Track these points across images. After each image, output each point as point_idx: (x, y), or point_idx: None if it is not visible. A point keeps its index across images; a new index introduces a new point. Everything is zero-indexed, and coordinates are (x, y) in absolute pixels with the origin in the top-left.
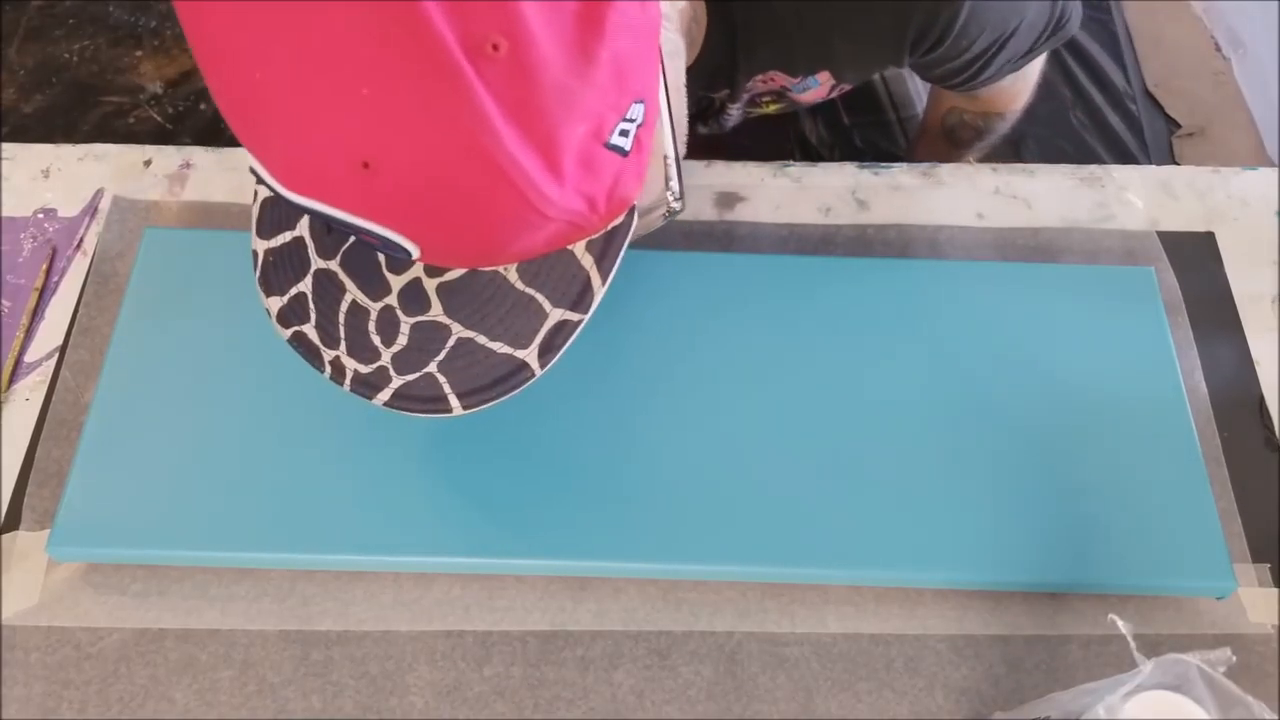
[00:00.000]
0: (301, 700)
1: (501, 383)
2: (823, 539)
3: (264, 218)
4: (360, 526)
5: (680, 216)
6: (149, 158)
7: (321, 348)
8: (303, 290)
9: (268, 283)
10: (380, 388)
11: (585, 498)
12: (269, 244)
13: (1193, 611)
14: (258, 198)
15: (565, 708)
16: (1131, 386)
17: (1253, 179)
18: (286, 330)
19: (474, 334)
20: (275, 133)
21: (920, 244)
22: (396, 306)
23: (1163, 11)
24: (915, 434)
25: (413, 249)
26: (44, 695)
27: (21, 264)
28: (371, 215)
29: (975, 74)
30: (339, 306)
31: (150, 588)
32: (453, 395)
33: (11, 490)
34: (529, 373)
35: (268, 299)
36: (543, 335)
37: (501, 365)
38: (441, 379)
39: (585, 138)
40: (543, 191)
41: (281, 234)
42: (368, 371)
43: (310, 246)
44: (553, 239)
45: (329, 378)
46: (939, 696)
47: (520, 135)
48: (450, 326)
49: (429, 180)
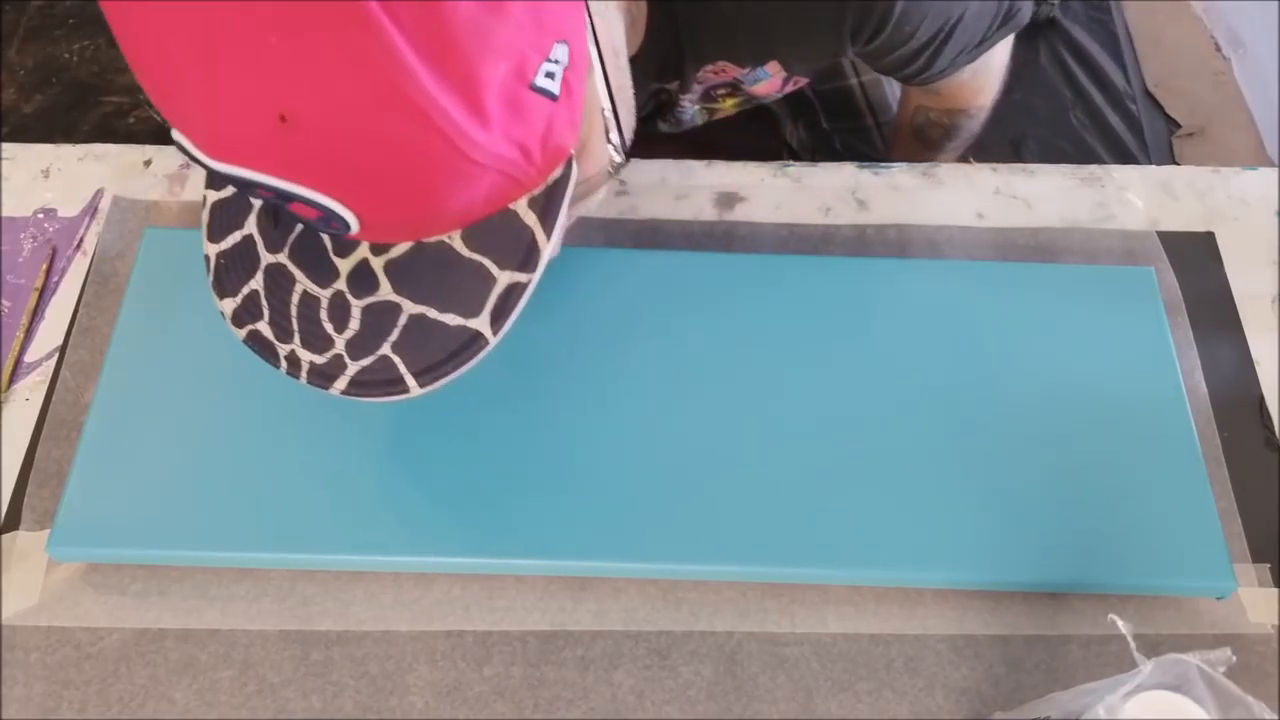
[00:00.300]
0: (301, 700)
1: (456, 356)
2: (823, 539)
3: (213, 222)
4: (360, 526)
5: (680, 216)
6: (149, 158)
7: (276, 343)
8: (255, 288)
9: (220, 286)
10: (335, 376)
11: (585, 498)
12: (219, 247)
13: (1193, 611)
14: (206, 202)
15: (565, 708)
16: (1131, 386)
17: (1253, 179)
18: (241, 330)
19: (425, 309)
20: (192, 97)
21: (920, 244)
22: (346, 290)
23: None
24: (915, 434)
25: (350, 218)
26: (44, 695)
27: (21, 264)
28: (297, 176)
29: (927, 65)
30: (290, 299)
31: (150, 588)
32: (409, 375)
33: (11, 490)
34: (483, 342)
35: (221, 301)
36: (493, 301)
37: (455, 338)
38: (396, 360)
39: (507, 77)
40: (468, 134)
41: (230, 235)
42: (323, 361)
43: (259, 243)
44: (491, 195)
45: (285, 373)
46: (939, 696)
47: (437, 74)
48: (401, 305)
49: (349, 130)
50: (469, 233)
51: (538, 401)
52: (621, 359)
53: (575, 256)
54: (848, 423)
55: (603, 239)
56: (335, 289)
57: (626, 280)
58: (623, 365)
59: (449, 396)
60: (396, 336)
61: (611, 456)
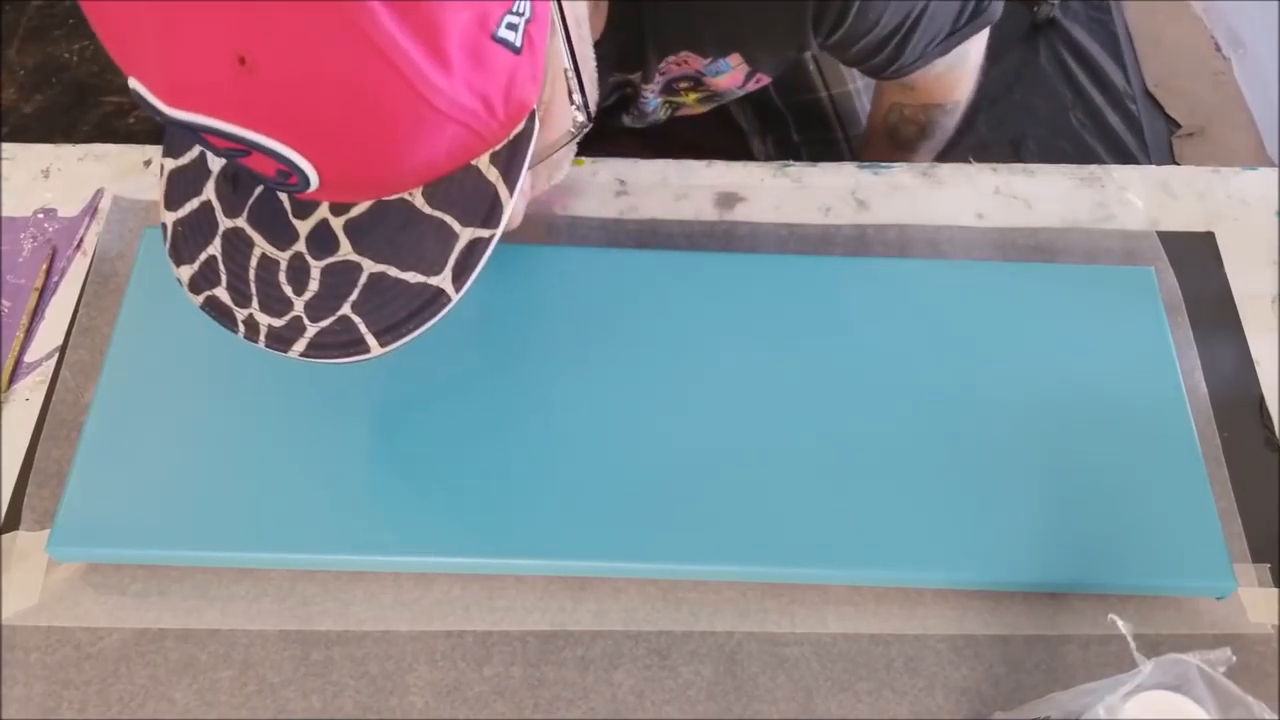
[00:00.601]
0: (301, 700)
1: (418, 315)
2: (823, 539)
3: (171, 190)
4: (360, 527)
5: (680, 216)
6: (149, 158)
7: (234, 308)
8: (212, 254)
9: (177, 253)
10: (294, 340)
11: (585, 498)
12: (177, 215)
13: (1193, 611)
14: (164, 171)
15: (565, 708)
16: (1131, 386)
17: (1252, 179)
18: (198, 297)
19: (385, 267)
20: (150, 41)
21: (920, 244)
22: (305, 252)
23: (1163, 11)
24: (915, 434)
25: (310, 172)
26: (44, 695)
27: (21, 264)
28: (257, 124)
29: (894, 55)
30: (249, 263)
31: (150, 588)
32: (369, 335)
33: (11, 490)
34: (445, 299)
35: (178, 269)
36: (455, 257)
37: (416, 296)
38: (357, 319)
39: (469, 25)
40: (430, 79)
41: (189, 202)
42: (281, 325)
43: (217, 209)
44: (453, 148)
45: (243, 337)
46: (939, 696)
47: (398, 17)
48: (360, 264)
49: (309, 73)
50: (430, 189)
51: (537, 401)
52: (622, 359)
53: (575, 256)
54: (847, 422)
55: (603, 239)
56: (294, 251)
57: (626, 280)
58: (623, 365)
59: (449, 397)
60: (356, 296)
61: (611, 457)
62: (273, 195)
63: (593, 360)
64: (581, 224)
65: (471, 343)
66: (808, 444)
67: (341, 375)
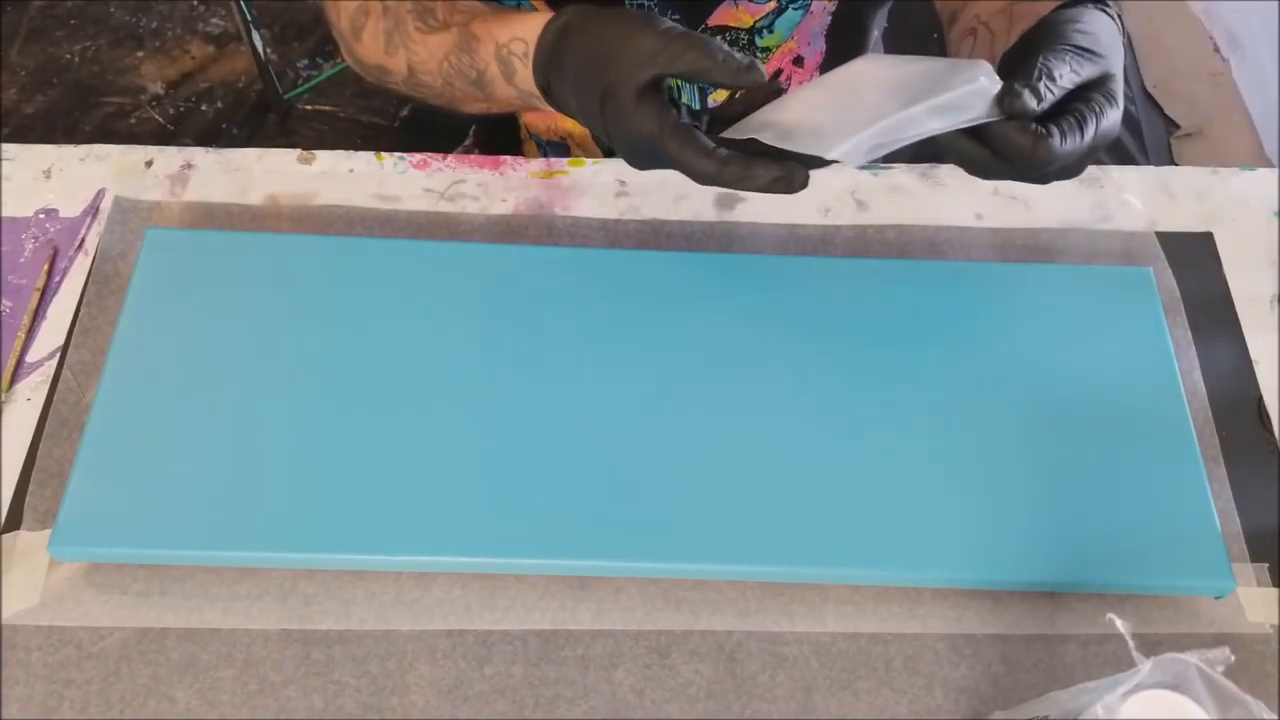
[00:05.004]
0: (303, 699)
1: None
2: (822, 538)
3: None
4: (361, 526)
5: (680, 217)
6: (150, 158)
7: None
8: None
9: None
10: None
11: (585, 497)
12: None
13: (1191, 611)
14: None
15: (565, 706)
16: (1130, 386)
17: (1251, 179)
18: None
19: None
20: None
21: (920, 244)
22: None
23: (1162, 12)
24: (914, 433)
25: None
26: (45, 695)
27: (23, 264)
28: None
29: None
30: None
31: (151, 587)
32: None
33: (13, 490)
34: None
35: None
36: None
37: None
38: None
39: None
40: None
41: None
42: None
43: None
44: None
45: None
46: (938, 695)
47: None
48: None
49: None
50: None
51: (538, 402)
52: (621, 359)
53: (575, 256)
54: (846, 422)
55: (603, 239)
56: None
57: (626, 280)
58: (623, 365)
59: (450, 397)
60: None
61: (611, 456)
62: None
63: (593, 361)
64: (582, 224)
65: (472, 343)
66: (807, 443)
67: (341, 375)
